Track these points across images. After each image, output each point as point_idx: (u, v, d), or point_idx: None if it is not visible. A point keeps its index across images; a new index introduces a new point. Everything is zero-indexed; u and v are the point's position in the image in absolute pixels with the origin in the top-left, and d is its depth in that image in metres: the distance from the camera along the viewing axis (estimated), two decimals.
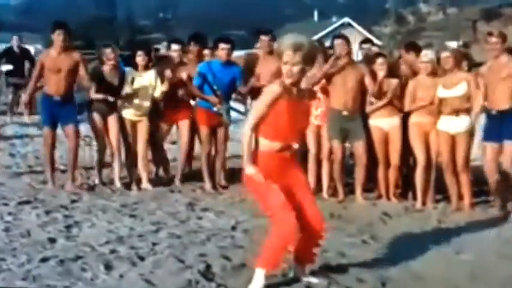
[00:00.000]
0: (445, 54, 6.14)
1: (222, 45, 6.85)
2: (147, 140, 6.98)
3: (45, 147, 6.84)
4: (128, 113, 6.91)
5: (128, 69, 7.12)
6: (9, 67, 12.18)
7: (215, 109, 6.89)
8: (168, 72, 6.87)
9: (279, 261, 3.74)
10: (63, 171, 7.47)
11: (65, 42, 6.65)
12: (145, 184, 6.92)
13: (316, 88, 6.67)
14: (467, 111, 6.04)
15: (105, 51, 6.89)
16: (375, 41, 28.93)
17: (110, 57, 6.83)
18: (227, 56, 6.86)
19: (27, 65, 12.08)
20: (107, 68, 6.85)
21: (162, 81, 6.92)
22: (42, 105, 6.88)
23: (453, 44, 22.23)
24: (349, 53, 6.61)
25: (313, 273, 4.03)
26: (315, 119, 6.71)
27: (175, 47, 7.15)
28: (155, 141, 7.19)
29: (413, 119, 6.30)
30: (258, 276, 3.71)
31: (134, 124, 6.94)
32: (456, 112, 6.00)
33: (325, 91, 6.60)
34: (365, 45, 7.54)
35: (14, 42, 12.39)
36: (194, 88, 6.90)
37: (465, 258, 4.50)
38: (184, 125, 7.10)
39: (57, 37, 6.64)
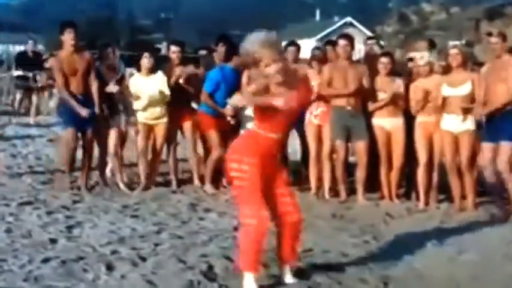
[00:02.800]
0: (454, 51, 6.12)
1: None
2: (163, 143, 6.97)
3: (66, 149, 6.69)
4: (142, 117, 6.89)
5: (129, 70, 7.09)
6: (19, 73, 12.35)
7: (232, 122, 6.83)
8: (176, 72, 6.86)
9: (257, 262, 3.70)
10: (64, 172, 7.46)
11: (76, 40, 6.55)
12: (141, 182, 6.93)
13: (315, 89, 6.67)
14: (472, 110, 6.02)
15: (105, 51, 6.89)
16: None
17: (109, 57, 6.84)
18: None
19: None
20: (104, 68, 6.85)
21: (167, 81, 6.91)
22: (65, 107, 6.74)
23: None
24: (350, 54, 6.60)
25: (312, 274, 4.02)
26: (314, 119, 6.70)
27: (174, 48, 7.10)
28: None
29: (419, 119, 6.28)
30: (247, 280, 3.70)
31: (151, 128, 6.91)
32: (460, 111, 5.98)
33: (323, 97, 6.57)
34: (370, 41, 7.53)
35: (29, 46, 12.53)
36: (204, 95, 6.81)
37: (468, 258, 4.48)
38: (187, 126, 7.07)
39: (68, 35, 6.53)
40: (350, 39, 6.65)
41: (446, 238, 4.96)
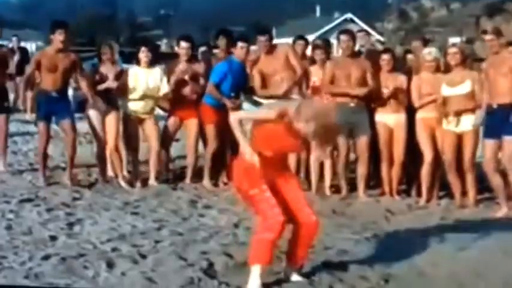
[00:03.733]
0: (452, 50, 6.11)
1: (241, 44, 6.78)
2: (158, 136, 6.94)
3: (40, 143, 6.87)
4: (134, 110, 6.88)
5: (125, 66, 7.08)
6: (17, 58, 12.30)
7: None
8: (178, 69, 6.85)
9: (270, 255, 3.72)
10: (64, 169, 7.46)
11: (64, 43, 6.60)
12: (152, 180, 6.90)
13: (317, 83, 6.68)
14: (472, 110, 6.01)
15: (102, 48, 6.91)
16: (378, 37, 28.88)
17: (106, 53, 6.84)
18: (246, 55, 6.80)
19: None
20: (102, 64, 6.85)
21: (168, 79, 6.89)
22: (38, 101, 6.89)
23: (456, 40, 22.13)
24: (353, 49, 6.59)
25: (314, 271, 4.01)
26: None
27: (184, 44, 7.05)
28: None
29: (419, 115, 6.27)
30: (254, 273, 3.71)
31: (140, 121, 6.90)
32: (460, 113, 5.97)
33: (316, 91, 6.56)
34: (360, 34, 7.56)
35: (14, 42, 12.52)
36: (210, 86, 6.78)
37: (469, 255, 4.46)
38: (192, 123, 7.05)
39: (58, 37, 6.57)
40: (351, 34, 6.65)
41: (447, 235, 4.95)
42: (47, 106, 6.71)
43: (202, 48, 7.60)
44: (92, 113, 6.85)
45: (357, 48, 7.10)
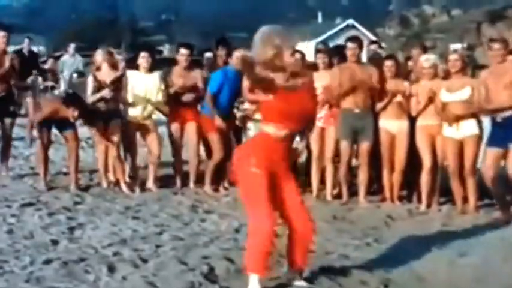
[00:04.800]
0: (453, 57, 6.12)
1: (237, 54, 6.82)
2: (159, 141, 6.97)
3: (39, 147, 6.92)
4: (133, 116, 6.90)
5: (129, 72, 7.13)
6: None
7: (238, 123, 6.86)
8: (177, 76, 6.89)
9: (264, 264, 3.67)
10: (66, 174, 7.48)
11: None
12: (150, 184, 6.92)
13: (320, 90, 6.68)
14: (472, 115, 6.02)
15: (95, 55, 6.98)
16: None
17: (99, 61, 6.86)
18: None
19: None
20: (98, 71, 6.88)
21: (167, 85, 6.93)
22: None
23: (457, 46, 22.16)
24: (359, 56, 6.62)
25: (314, 276, 4.02)
26: (318, 121, 6.69)
27: (183, 51, 7.10)
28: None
29: (420, 122, 6.28)
30: (252, 281, 3.68)
31: (140, 126, 6.92)
32: (459, 119, 5.98)
33: (328, 92, 6.57)
34: (372, 46, 7.54)
35: (25, 44, 12.31)
36: (208, 97, 6.82)
37: (469, 261, 4.46)
38: (191, 127, 7.07)
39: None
40: (358, 41, 6.67)
41: (447, 241, 4.95)
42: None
43: (207, 54, 7.65)
44: (94, 121, 6.89)
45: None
